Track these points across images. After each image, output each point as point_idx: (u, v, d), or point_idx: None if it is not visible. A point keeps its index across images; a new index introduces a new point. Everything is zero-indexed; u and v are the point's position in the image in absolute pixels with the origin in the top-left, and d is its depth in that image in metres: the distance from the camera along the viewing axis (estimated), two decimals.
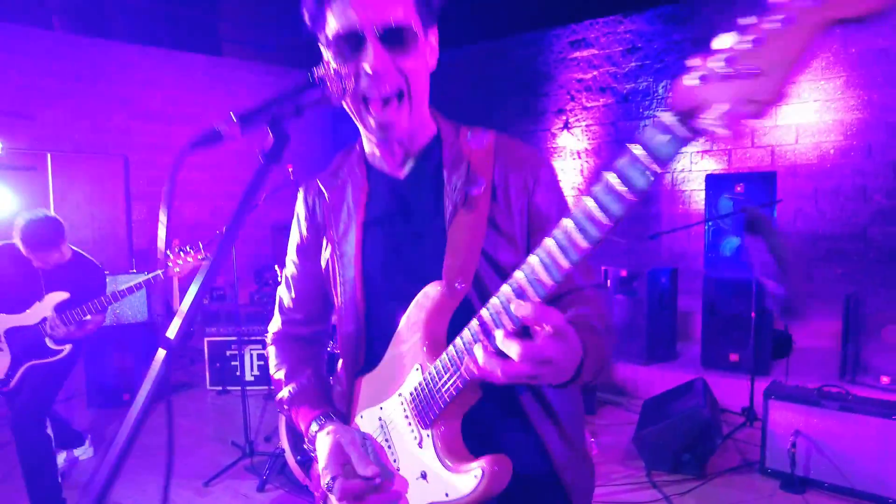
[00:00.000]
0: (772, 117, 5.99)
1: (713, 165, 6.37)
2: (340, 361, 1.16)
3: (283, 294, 1.25)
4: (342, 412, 1.14)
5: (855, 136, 5.62)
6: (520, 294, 0.76)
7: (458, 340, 0.87)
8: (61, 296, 2.93)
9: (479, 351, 0.79)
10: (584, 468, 1.05)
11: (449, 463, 0.93)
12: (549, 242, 0.73)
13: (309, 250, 1.19)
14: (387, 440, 1.03)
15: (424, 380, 0.94)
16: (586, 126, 7.20)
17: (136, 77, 7.35)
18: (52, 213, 3.00)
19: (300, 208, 1.23)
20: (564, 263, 0.72)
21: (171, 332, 0.78)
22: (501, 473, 0.89)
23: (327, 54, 1.01)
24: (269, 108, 0.85)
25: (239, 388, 4.94)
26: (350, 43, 0.95)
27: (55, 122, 6.38)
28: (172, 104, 7.64)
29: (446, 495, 0.93)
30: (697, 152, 6.47)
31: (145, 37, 7.63)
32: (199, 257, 2.95)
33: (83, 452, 3.55)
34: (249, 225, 8.36)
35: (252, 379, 4.98)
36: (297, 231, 1.23)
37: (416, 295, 1.00)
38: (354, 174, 1.13)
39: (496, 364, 0.76)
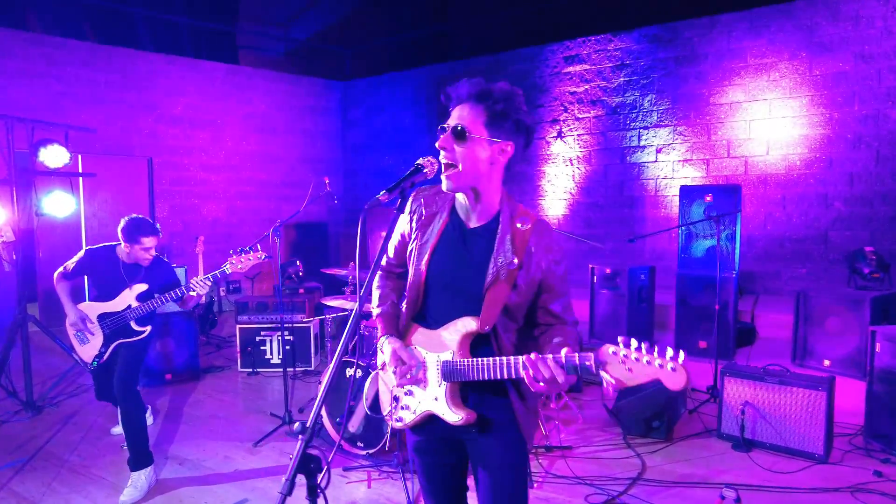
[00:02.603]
0: (746, 131, 6.64)
1: (693, 173, 7.01)
2: (405, 306, 1.81)
3: (389, 247, 1.92)
4: (401, 333, 1.85)
5: (818, 149, 6.28)
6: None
7: (487, 360, 1.59)
8: (141, 287, 3.54)
9: (543, 369, 1.47)
10: (531, 418, 1.75)
11: (451, 403, 1.67)
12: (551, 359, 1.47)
13: (405, 234, 1.87)
14: (424, 368, 1.74)
15: (454, 362, 1.66)
16: (578, 135, 7.83)
17: (162, 84, 7.91)
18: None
19: (408, 207, 1.87)
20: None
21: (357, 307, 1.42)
22: (471, 420, 1.65)
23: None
24: (400, 185, 1.47)
25: (267, 369, 5.57)
26: (441, 130, 1.63)
27: (87, 125, 6.93)
28: (194, 110, 8.21)
29: (442, 415, 1.68)
30: (679, 161, 7.11)
31: (170, 46, 8.19)
32: (258, 256, 3.54)
33: (148, 419, 4.16)
34: (265, 224, 8.87)
35: (278, 361, 5.60)
36: (403, 220, 1.87)
37: (453, 298, 1.69)
38: (444, 208, 1.77)
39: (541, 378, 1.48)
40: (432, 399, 1.70)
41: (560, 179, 7.96)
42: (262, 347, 5.59)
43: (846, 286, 4.53)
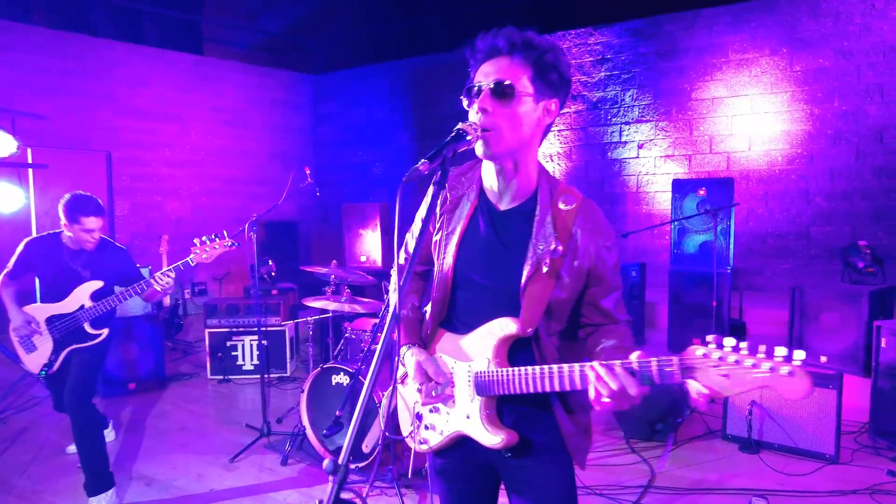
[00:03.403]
0: (728, 127, 6.60)
1: (675, 169, 6.94)
2: (429, 309, 1.55)
3: (409, 241, 1.67)
4: (425, 339, 1.57)
5: (799, 145, 6.27)
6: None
7: (530, 370, 1.32)
8: (96, 284, 3.17)
9: (610, 380, 1.19)
10: (584, 438, 1.48)
11: (486, 422, 1.41)
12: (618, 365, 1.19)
13: (427, 222, 1.57)
14: (452, 382, 1.47)
15: (489, 372, 1.39)
16: (558, 131, 7.68)
17: (122, 74, 7.42)
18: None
19: (431, 191, 1.58)
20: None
21: (393, 307, 1.17)
22: (512, 443, 1.40)
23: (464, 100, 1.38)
24: (441, 153, 1.20)
25: (240, 376, 5.21)
26: (473, 91, 1.34)
27: (36, 116, 6.42)
28: (157, 102, 7.74)
29: (476, 436, 1.42)
30: (661, 157, 7.03)
31: (132, 35, 7.71)
32: (225, 244, 3.20)
33: (108, 434, 3.78)
34: (233, 222, 8.49)
35: (251, 367, 5.25)
36: (426, 205, 1.59)
37: (486, 296, 1.43)
38: (471, 190, 1.49)
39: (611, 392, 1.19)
40: (463, 417, 1.44)
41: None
42: (233, 353, 5.23)
43: (839, 281, 4.47)
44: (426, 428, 1.51)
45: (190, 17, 8.48)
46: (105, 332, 3.18)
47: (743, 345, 1.06)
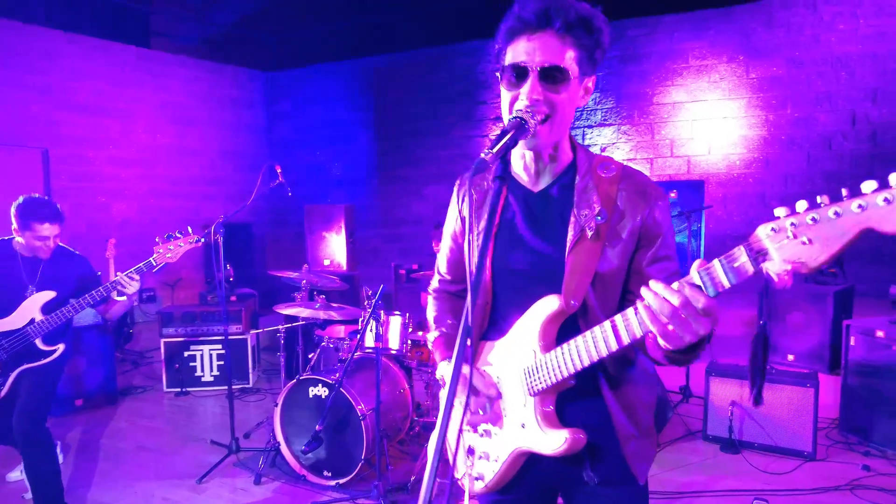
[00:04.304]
0: (689, 131, 6.75)
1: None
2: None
3: (441, 261, 1.58)
4: (467, 359, 1.39)
5: (756, 149, 6.47)
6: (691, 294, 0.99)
7: (577, 340, 1.16)
8: (47, 295, 2.86)
9: (671, 296, 0.98)
10: (645, 443, 1.31)
11: (543, 424, 1.24)
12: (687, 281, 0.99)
13: (457, 235, 1.50)
14: (500, 394, 1.32)
15: (537, 363, 1.23)
16: None
17: (61, 65, 6.90)
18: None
19: (454, 200, 1.49)
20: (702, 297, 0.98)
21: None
22: (579, 442, 1.21)
23: (502, 84, 1.24)
24: (504, 145, 1.07)
25: (199, 388, 4.90)
26: (518, 73, 1.20)
27: None
28: (99, 96, 7.24)
29: (536, 445, 1.24)
30: (623, 160, 7.10)
31: (71, 23, 7.18)
32: (190, 241, 2.96)
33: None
34: (184, 224, 8.08)
35: (211, 379, 4.95)
36: (451, 218, 1.51)
37: (530, 287, 1.28)
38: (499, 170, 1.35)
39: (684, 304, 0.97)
40: (518, 428, 1.27)
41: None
42: (191, 363, 4.92)
43: (803, 282, 4.61)
44: (479, 459, 1.33)
45: (136, 6, 7.99)
46: (60, 347, 2.87)
47: (821, 198, 0.87)
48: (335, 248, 6.17)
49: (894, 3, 5.83)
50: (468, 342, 0.99)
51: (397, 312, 3.37)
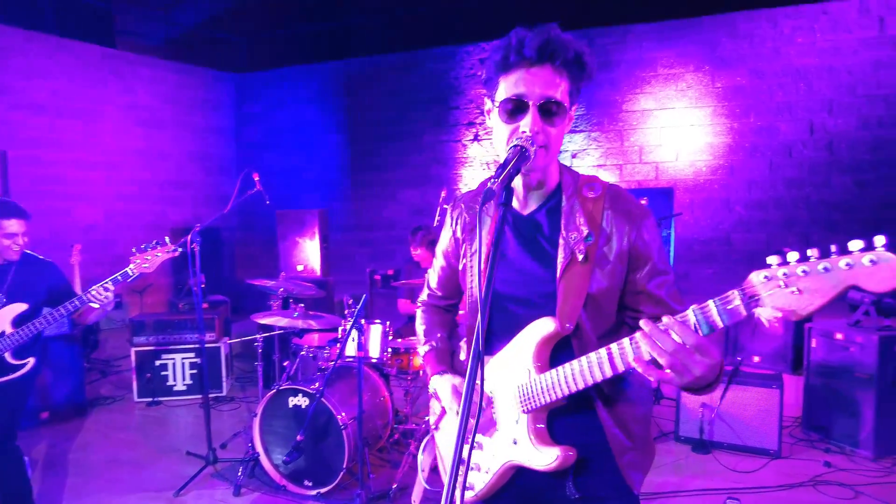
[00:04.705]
0: (657, 138, 6.92)
1: (607, 177, 7.16)
2: (464, 343, 1.45)
3: (432, 276, 1.65)
4: (461, 373, 1.48)
5: (721, 156, 6.68)
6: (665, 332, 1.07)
7: (573, 364, 1.20)
8: (18, 308, 2.78)
9: (661, 340, 1.05)
10: (641, 454, 1.36)
11: (536, 440, 1.29)
12: (686, 316, 1.05)
13: (449, 254, 1.55)
14: (493, 409, 1.37)
15: (531, 383, 1.28)
16: None
17: (18, 64, 6.68)
18: None
19: (448, 221, 1.54)
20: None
21: None
22: (569, 459, 1.26)
23: (494, 113, 1.28)
24: (508, 173, 1.11)
25: (172, 398, 4.81)
26: (514, 108, 1.24)
27: None
28: (61, 97, 7.03)
29: (528, 461, 1.29)
30: (593, 166, 7.26)
31: (30, 20, 6.95)
32: (167, 251, 2.91)
33: None
34: (151, 229, 7.90)
35: (184, 388, 4.86)
36: (444, 238, 1.56)
37: (522, 308, 1.33)
38: (489, 204, 1.38)
39: (674, 348, 1.04)
40: (510, 444, 1.32)
41: (476, 182, 7.82)
42: (163, 372, 4.82)
43: None
44: (471, 469, 1.38)
45: (100, 4, 7.78)
46: (30, 361, 2.78)
47: (811, 252, 0.92)
48: (309, 253, 6.13)
49: (848, 19, 6.11)
50: (478, 365, 1.01)
51: (377, 321, 3.37)
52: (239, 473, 3.32)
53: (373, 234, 8.29)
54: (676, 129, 6.82)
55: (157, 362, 4.81)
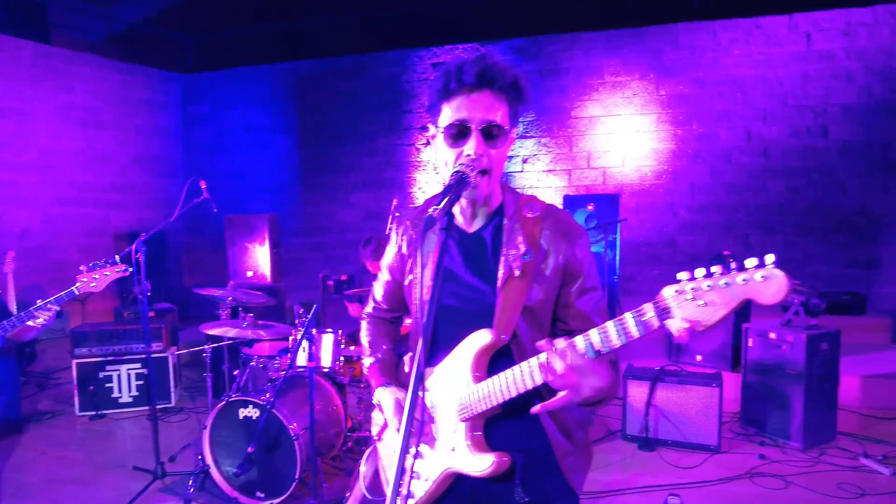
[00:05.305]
0: (605, 144, 7.12)
1: (557, 182, 7.35)
2: (408, 358, 1.50)
3: (377, 289, 1.68)
4: (405, 385, 1.52)
5: (665, 162, 6.94)
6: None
7: (507, 373, 1.27)
8: None
9: (558, 363, 1.16)
10: (581, 457, 1.44)
11: (472, 448, 1.35)
12: (593, 333, 1.15)
13: (394, 269, 1.59)
14: (433, 418, 1.43)
15: (469, 392, 1.34)
16: None
17: None
18: None
19: (393, 237, 1.58)
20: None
21: None
22: (503, 465, 1.33)
23: (438, 137, 1.34)
24: (450, 200, 1.16)
25: (117, 410, 4.65)
26: (458, 132, 1.30)
27: None
28: None
29: (465, 467, 1.36)
30: (544, 171, 7.41)
31: None
32: (117, 270, 2.84)
33: None
34: (92, 234, 7.61)
35: (129, 400, 4.71)
36: (390, 253, 1.59)
37: (466, 320, 1.39)
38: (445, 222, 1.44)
39: (566, 371, 1.15)
40: (448, 451, 1.37)
41: (431, 187, 7.87)
42: (107, 384, 4.66)
43: None
44: (412, 477, 1.43)
45: None
46: None
47: (715, 268, 1.01)
48: (259, 259, 6.03)
49: (779, 34, 6.45)
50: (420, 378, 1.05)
51: (329, 330, 3.36)
52: (190, 487, 3.25)
53: (325, 238, 8.22)
54: (623, 136, 7.04)
55: (101, 374, 4.64)
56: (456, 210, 1.43)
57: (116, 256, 2.90)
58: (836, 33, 6.28)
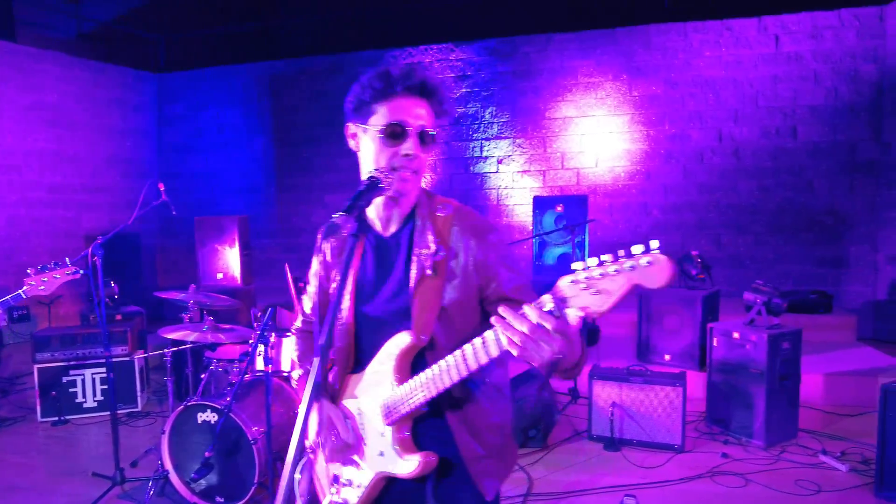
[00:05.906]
0: (578, 145, 7.15)
1: (532, 183, 7.37)
2: (333, 364, 1.49)
3: (306, 302, 1.71)
4: (332, 394, 1.52)
5: (638, 162, 6.98)
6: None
7: (427, 372, 1.28)
8: None
9: (517, 322, 1.11)
10: (495, 461, 1.44)
11: (399, 450, 1.37)
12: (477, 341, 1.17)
13: (322, 278, 1.58)
14: (361, 424, 1.44)
15: (394, 395, 1.35)
16: None
17: None
18: None
19: (317, 245, 1.59)
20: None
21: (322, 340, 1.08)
22: (430, 464, 1.36)
23: (369, 135, 1.36)
24: (357, 205, 1.16)
25: (81, 415, 4.57)
26: (397, 132, 1.33)
27: None
28: None
29: (394, 470, 1.37)
30: (518, 172, 7.43)
31: None
32: (67, 273, 2.79)
33: None
34: (62, 236, 7.49)
35: (94, 405, 4.63)
36: (315, 262, 1.59)
37: (386, 325, 1.40)
38: (353, 227, 1.43)
39: (535, 330, 1.09)
40: (377, 456, 1.38)
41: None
42: (71, 389, 4.58)
43: (677, 287, 5.05)
44: (344, 486, 1.42)
45: None
46: None
47: (606, 257, 1.03)
48: (229, 261, 5.97)
49: (749, 35, 6.52)
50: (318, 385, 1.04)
51: (289, 333, 3.32)
52: (150, 489, 3.20)
53: (299, 239, 8.16)
54: (596, 137, 7.08)
55: (65, 379, 4.56)
56: (373, 215, 1.45)
57: (66, 259, 2.85)
58: (804, 36, 6.37)
